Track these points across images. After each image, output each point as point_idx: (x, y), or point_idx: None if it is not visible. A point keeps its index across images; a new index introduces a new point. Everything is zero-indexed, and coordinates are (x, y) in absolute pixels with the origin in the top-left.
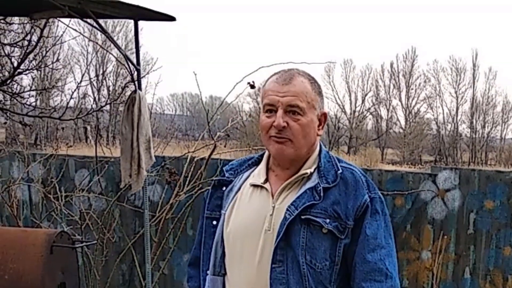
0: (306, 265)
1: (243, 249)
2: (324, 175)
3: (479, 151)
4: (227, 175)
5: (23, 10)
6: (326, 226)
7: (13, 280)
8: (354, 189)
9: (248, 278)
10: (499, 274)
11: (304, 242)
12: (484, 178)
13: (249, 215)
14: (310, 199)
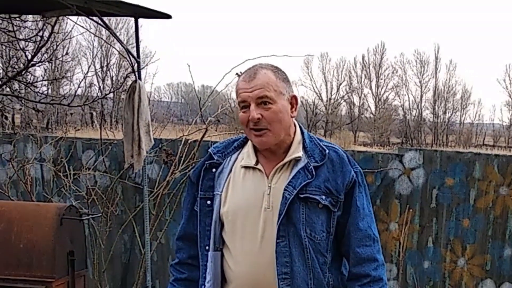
0: (307, 238)
1: (245, 226)
2: (311, 155)
3: (440, 134)
4: (215, 157)
5: (36, 9)
6: (322, 202)
7: (28, 248)
8: (340, 166)
9: (252, 252)
10: (458, 243)
11: (304, 217)
12: (445, 158)
13: (246, 194)
14: (305, 179)
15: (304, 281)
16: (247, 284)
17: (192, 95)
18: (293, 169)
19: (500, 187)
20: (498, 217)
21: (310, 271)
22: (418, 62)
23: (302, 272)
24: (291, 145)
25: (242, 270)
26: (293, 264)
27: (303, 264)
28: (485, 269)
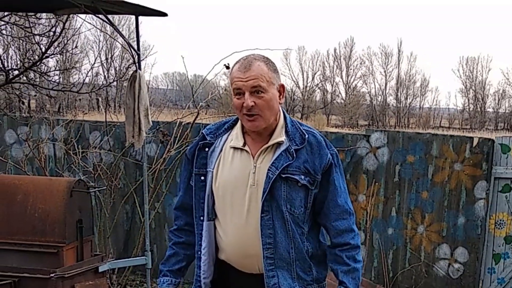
0: (288, 212)
1: (233, 200)
2: (293, 138)
3: (402, 117)
4: (208, 138)
5: (49, 8)
6: (301, 181)
7: (42, 217)
8: (318, 149)
9: (239, 224)
10: (418, 212)
11: (285, 194)
12: (407, 138)
13: (234, 172)
14: (286, 160)
15: (286, 250)
16: (236, 252)
17: (185, 83)
18: (276, 151)
19: (455, 163)
20: (452, 190)
21: (291, 241)
22: (383, 54)
23: (284, 242)
24: (275, 129)
25: (231, 240)
26: (276, 235)
27: (285, 235)
28: (442, 235)
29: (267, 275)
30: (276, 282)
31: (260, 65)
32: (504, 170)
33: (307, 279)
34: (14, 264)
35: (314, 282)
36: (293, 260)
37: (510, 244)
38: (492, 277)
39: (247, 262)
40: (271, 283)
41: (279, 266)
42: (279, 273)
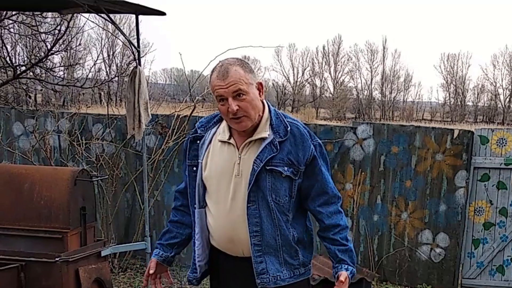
0: (273, 202)
1: (219, 189)
2: (277, 131)
3: (387, 110)
4: (199, 131)
5: (54, 7)
6: (285, 173)
7: (47, 204)
8: (301, 141)
9: (224, 211)
10: (402, 200)
11: (270, 185)
12: (391, 130)
13: (221, 163)
14: (270, 153)
15: (272, 237)
16: (222, 237)
17: (182, 78)
18: (261, 144)
19: (436, 154)
20: (434, 179)
21: (277, 229)
22: (368, 51)
23: (270, 230)
24: (259, 123)
25: (217, 225)
26: (262, 223)
27: (271, 223)
28: (424, 221)
29: (255, 260)
30: (264, 267)
31: (236, 69)
32: (483, 160)
33: (294, 264)
34: (21, 248)
35: (301, 266)
36: (279, 246)
37: (488, 230)
38: (472, 261)
39: (231, 246)
40: (259, 268)
41: (266, 252)
42: (267, 258)
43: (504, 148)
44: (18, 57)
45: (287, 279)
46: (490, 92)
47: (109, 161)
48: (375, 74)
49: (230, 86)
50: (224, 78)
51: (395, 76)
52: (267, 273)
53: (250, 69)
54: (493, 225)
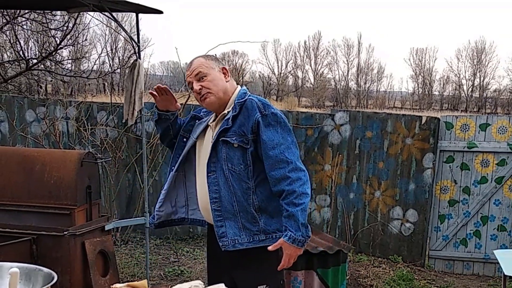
0: (228, 170)
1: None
2: (234, 108)
3: (362, 99)
4: (201, 113)
5: (63, 6)
6: (235, 142)
7: (57, 183)
8: (251, 112)
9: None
10: (375, 179)
11: (225, 155)
12: (366, 117)
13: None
14: (223, 126)
15: (230, 203)
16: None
17: (178, 70)
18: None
19: (406, 138)
20: (404, 161)
21: (233, 195)
22: (345, 46)
23: (227, 196)
24: (226, 105)
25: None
26: (220, 190)
27: (228, 191)
28: (395, 199)
29: (216, 225)
30: (224, 231)
31: (198, 59)
32: (448, 144)
33: (253, 229)
34: (33, 223)
35: (261, 232)
36: (237, 212)
37: (453, 207)
38: (438, 234)
39: (206, 214)
40: (219, 232)
41: (226, 217)
42: (227, 223)
43: (467, 133)
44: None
45: (245, 243)
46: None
47: (112, 145)
48: (351, 67)
49: (193, 72)
50: (189, 68)
51: (369, 68)
52: (226, 237)
53: (213, 58)
54: (457, 202)
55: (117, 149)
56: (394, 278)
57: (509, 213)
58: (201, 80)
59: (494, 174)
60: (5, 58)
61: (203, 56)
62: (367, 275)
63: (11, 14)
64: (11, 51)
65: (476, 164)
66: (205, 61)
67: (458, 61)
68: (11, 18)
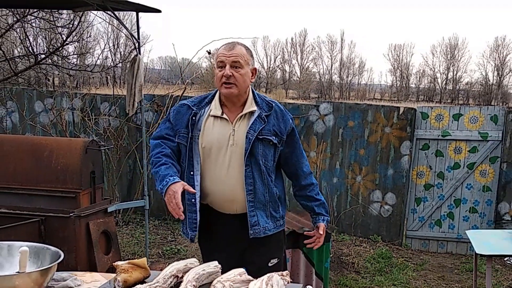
0: (263, 165)
1: (217, 157)
2: (261, 107)
3: (345, 91)
4: (194, 109)
5: (69, 6)
6: (273, 141)
7: (63, 169)
8: (282, 115)
9: (221, 175)
10: (356, 165)
11: (261, 151)
12: (348, 107)
13: (216, 135)
14: (261, 124)
15: (262, 194)
16: (219, 197)
17: (175, 65)
18: (251, 118)
19: (385, 127)
20: (383, 148)
21: (266, 187)
22: (329, 42)
23: (261, 188)
24: (246, 101)
25: (215, 188)
26: (255, 183)
27: (261, 183)
28: (375, 183)
29: (250, 214)
30: (256, 220)
31: (241, 48)
32: (423, 132)
33: (276, 216)
34: (41, 205)
35: (281, 218)
36: (267, 202)
37: (428, 190)
38: (414, 216)
39: (228, 205)
40: (252, 221)
41: (257, 208)
42: (258, 213)
43: (441, 122)
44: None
45: (272, 229)
46: (429, 76)
47: (114, 133)
48: (335, 61)
49: (231, 56)
50: (229, 50)
51: (351, 63)
52: (258, 225)
53: (252, 54)
54: (432, 186)
55: (119, 137)
56: (374, 256)
57: (480, 196)
58: (234, 68)
59: (466, 160)
60: (16, 54)
61: (246, 47)
62: (349, 253)
63: (21, 13)
64: (21, 47)
65: (449, 151)
66: (246, 54)
67: (433, 56)
68: (21, 16)
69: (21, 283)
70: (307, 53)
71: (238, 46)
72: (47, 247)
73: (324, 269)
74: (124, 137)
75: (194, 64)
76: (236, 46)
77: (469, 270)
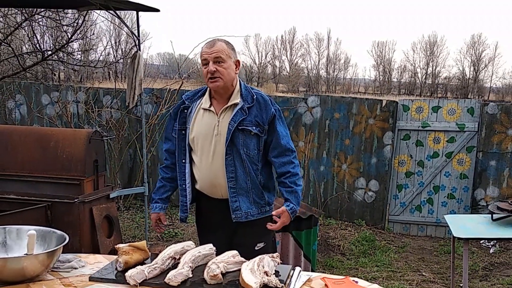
0: (245, 154)
1: (203, 146)
2: (245, 99)
3: (331, 85)
4: (186, 102)
5: (74, 5)
6: (253, 131)
7: (68, 158)
8: (265, 106)
9: (207, 162)
10: (342, 154)
11: (242, 141)
12: (334, 100)
13: (204, 126)
14: (242, 116)
15: (244, 181)
16: (206, 183)
17: (173, 61)
18: (234, 110)
19: (369, 119)
20: (367, 138)
21: (248, 175)
22: (316, 39)
23: (242, 176)
24: (232, 93)
25: (202, 174)
26: (236, 170)
27: (243, 171)
28: (359, 171)
29: (231, 200)
30: (238, 205)
31: (221, 43)
32: (405, 123)
33: (261, 203)
34: (48, 192)
35: (266, 205)
36: (249, 189)
37: (409, 178)
38: (396, 201)
39: (213, 190)
40: (234, 206)
41: (239, 193)
42: (240, 198)
43: (421, 114)
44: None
45: (255, 215)
46: (410, 71)
47: (116, 124)
48: (322, 57)
49: (213, 53)
50: (210, 47)
51: (337, 58)
52: (240, 210)
53: (233, 48)
54: (413, 174)
55: (120, 128)
56: (359, 239)
57: (458, 183)
58: (217, 64)
59: (445, 149)
60: (24, 50)
61: (226, 42)
62: (335, 237)
63: (29, 12)
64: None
65: (429, 141)
66: (227, 48)
67: (414, 52)
68: (29, 15)
69: (29, 264)
70: (296, 49)
71: (219, 42)
72: (53, 231)
73: (311, 251)
74: (125, 128)
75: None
76: (217, 42)
77: (447, 252)
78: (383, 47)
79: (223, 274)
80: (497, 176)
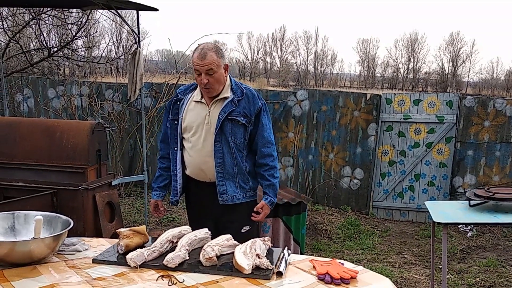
0: (232, 142)
1: (194, 135)
2: (235, 92)
3: (319, 80)
4: (179, 95)
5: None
6: (241, 121)
7: (73, 147)
8: (253, 99)
9: (197, 149)
10: (329, 144)
11: (230, 130)
12: (322, 94)
13: (195, 116)
14: (231, 107)
15: (231, 167)
16: (195, 167)
17: (170, 57)
18: (224, 102)
19: (354, 111)
20: (353, 129)
21: (234, 161)
22: (305, 37)
23: (229, 162)
24: (223, 88)
25: (192, 160)
26: (224, 156)
27: (230, 157)
28: (345, 160)
29: (218, 184)
30: (225, 189)
31: (212, 55)
32: (388, 115)
33: (246, 188)
34: (54, 180)
35: (251, 190)
36: (236, 174)
37: (392, 166)
38: (380, 189)
39: (202, 174)
40: (221, 189)
41: (226, 178)
42: (227, 183)
43: (403, 107)
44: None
45: (241, 198)
46: (393, 67)
47: (117, 117)
48: (310, 53)
49: (205, 66)
50: (202, 59)
51: (324, 55)
52: (227, 193)
53: (222, 54)
54: (395, 163)
55: (121, 120)
56: (344, 224)
57: (437, 171)
58: (209, 75)
59: (425, 140)
60: (31, 47)
61: (215, 51)
62: (322, 222)
63: (36, 11)
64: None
65: (410, 132)
66: (217, 58)
67: (396, 49)
68: (36, 14)
69: (36, 247)
70: (286, 46)
71: (209, 53)
72: (59, 216)
73: (300, 235)
74: (126, 120)
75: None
76: (207, 54)
77: (428, 236)
78: (367, 44)
79: (218, 257)
80: (474, 165)
